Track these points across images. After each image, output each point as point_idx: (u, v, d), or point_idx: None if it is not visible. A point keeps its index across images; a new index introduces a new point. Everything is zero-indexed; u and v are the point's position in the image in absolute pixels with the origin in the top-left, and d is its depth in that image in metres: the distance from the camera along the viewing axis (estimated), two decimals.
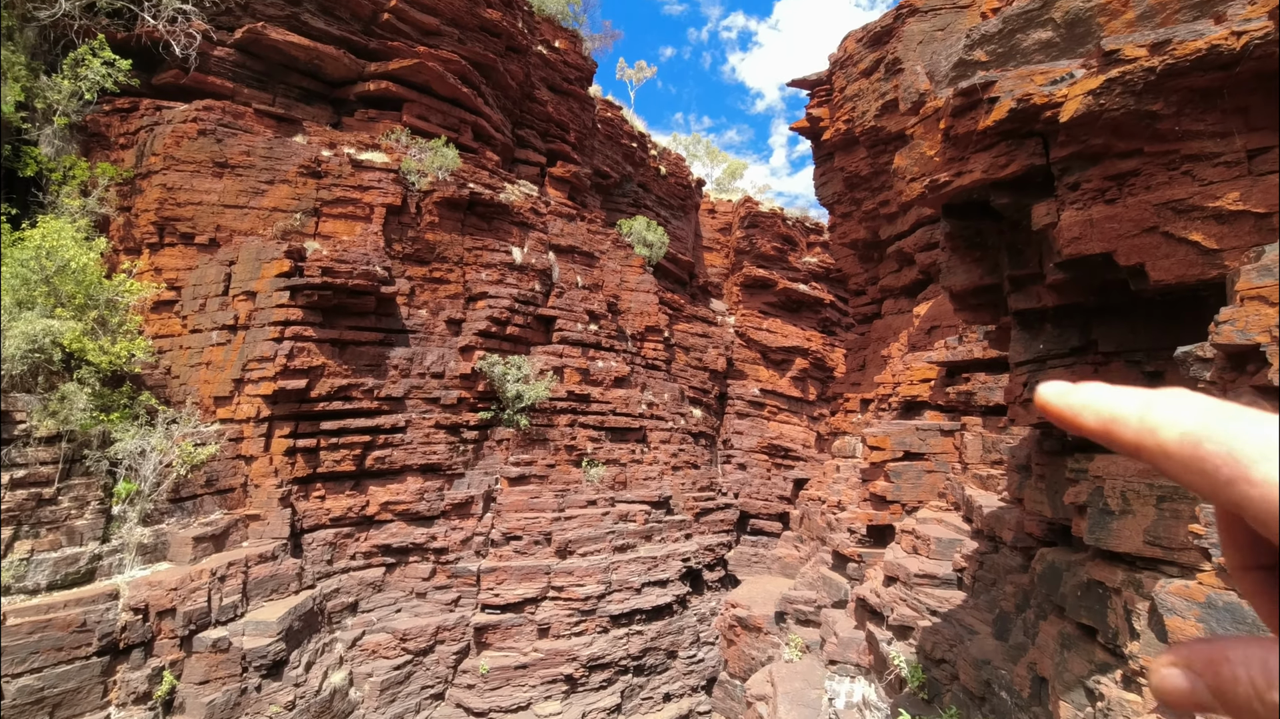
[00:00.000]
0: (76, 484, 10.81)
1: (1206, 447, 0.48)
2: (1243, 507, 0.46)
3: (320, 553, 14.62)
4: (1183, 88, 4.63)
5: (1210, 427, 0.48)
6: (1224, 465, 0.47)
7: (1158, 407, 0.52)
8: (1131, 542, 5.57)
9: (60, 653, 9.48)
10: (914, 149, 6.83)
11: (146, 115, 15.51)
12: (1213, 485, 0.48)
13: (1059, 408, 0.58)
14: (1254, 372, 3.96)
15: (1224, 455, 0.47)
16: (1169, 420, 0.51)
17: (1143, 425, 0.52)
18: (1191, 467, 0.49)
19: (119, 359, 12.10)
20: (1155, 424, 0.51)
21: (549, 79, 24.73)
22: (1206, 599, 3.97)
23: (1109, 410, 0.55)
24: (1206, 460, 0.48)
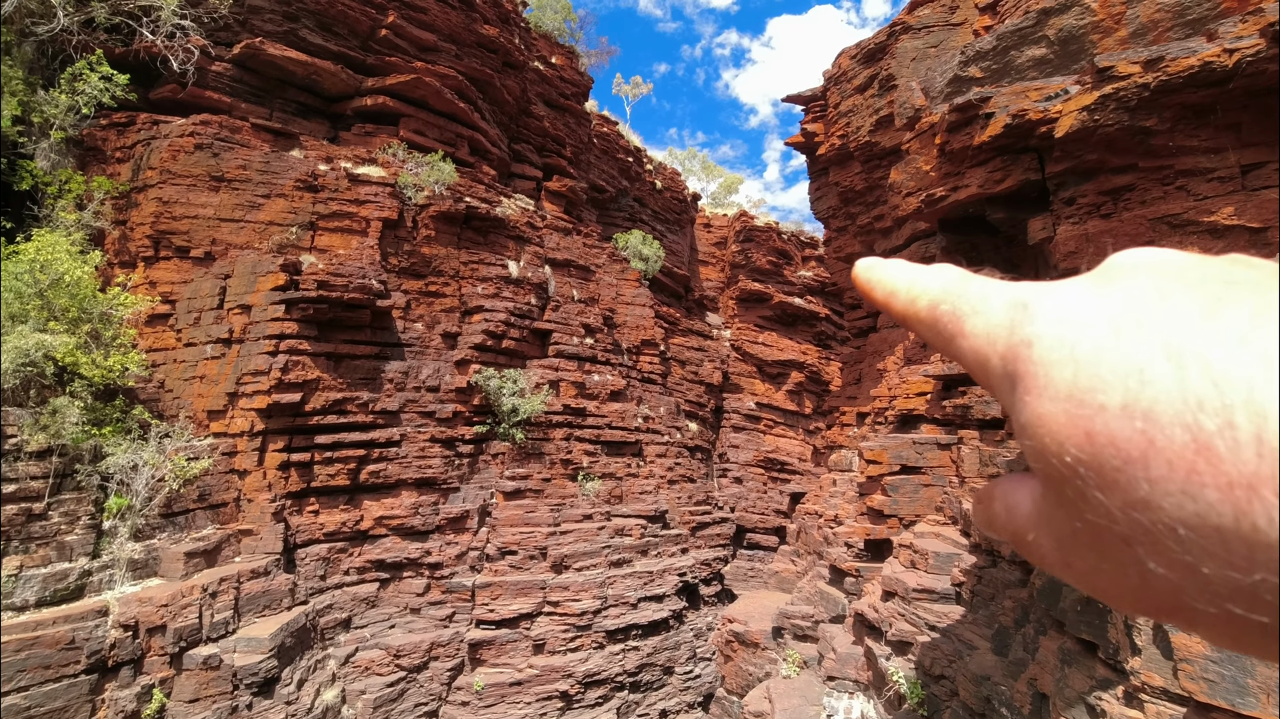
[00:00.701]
0: (67, 499, 10.70)
1: (941, 308, 0.52)
2: (960, 359, 0.50)
3: (313, 568, 14.47)
4: (1176, 104, 4.67)
5: (949, 289, 0.52)
6: (950, 323, 0.51)
7: (923, 278, 0.56)
8: None
9: (48, 671, 9.33)
10: (910, 164, 6.87)
11: (143, 129, 15.52)
12: (944, 343, 0.52)
13: (861, 281, 0.61)
14: None
15: (950, 314, 0.51)
16: (924, 288, 0.54)
17: (908, 295, 0.55)
18: (931, 328, 0.53)
19: (112, 373, 12.03)
20: (916, 293, 0.55)
21: (545, 94, 24.88)
22: None
23: (890, 284, 0.58)
24: (939, 320, 0.52)
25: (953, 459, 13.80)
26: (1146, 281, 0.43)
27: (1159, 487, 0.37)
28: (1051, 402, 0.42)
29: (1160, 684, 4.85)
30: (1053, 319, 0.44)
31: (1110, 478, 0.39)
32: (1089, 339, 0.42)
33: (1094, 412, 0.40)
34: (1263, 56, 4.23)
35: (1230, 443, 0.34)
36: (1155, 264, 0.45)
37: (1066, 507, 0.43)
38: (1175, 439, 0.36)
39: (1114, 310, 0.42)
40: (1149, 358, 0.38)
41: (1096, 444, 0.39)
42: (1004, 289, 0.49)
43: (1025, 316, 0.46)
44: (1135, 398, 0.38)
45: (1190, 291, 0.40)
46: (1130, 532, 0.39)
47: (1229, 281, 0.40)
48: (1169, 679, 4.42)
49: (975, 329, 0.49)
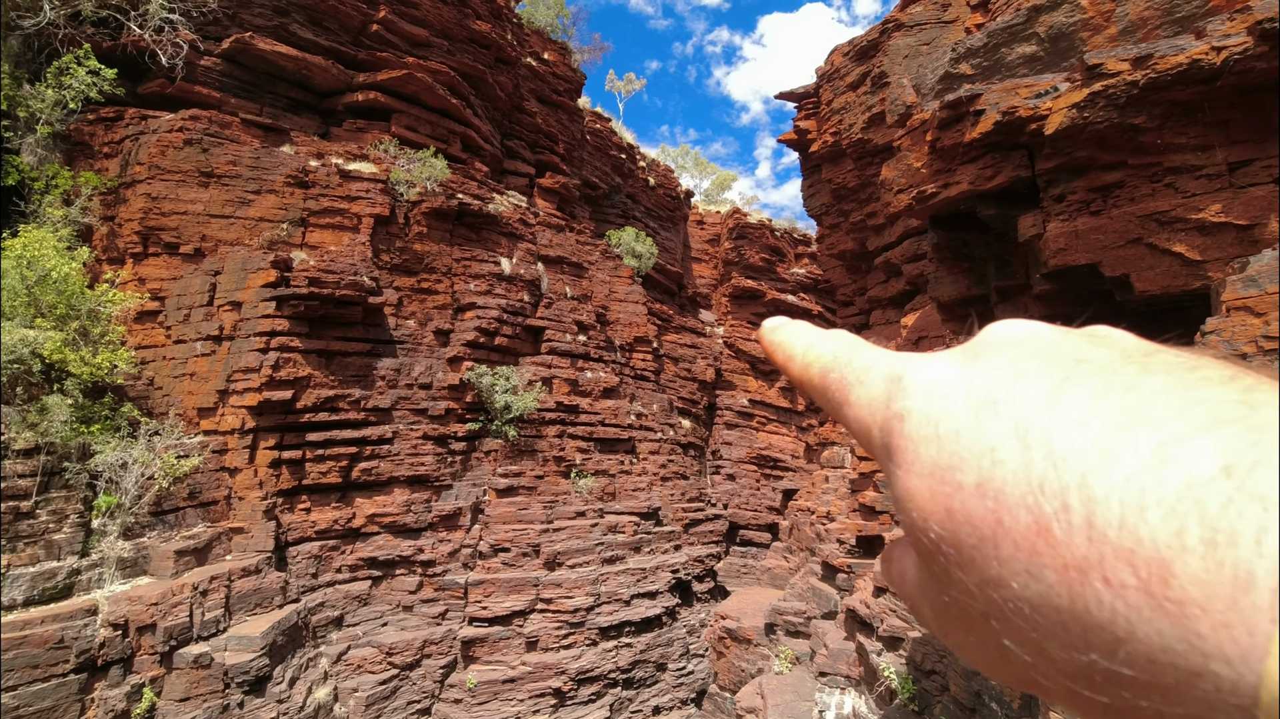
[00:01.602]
0: (55, 497, 10.62)
1: (830, 375, 0.53)
2: (847, 427, 0.51)
3: (305, 566, 14.42)
4: (1165, 101, 4.68)
5: (838, 358, 0.53)
6: (837, 391, 0.52)
7: (817, 344, 0.57)
8: None
9: (36, 670, 9.27)
10: (901, 161, 6.88)
11: (132, 124, 15.38)
12: (834, 410, 0.53)
13: (765, 343, 0.62)
14: None
15: (838, 382, 0.52)
16: (817, 355, 0.55)
17: (803, 360, 0.56)
18: (823, 395, 0.54)
19: (100, 370, 11.93)
20: (810, 359, 0.56)
21: (538, 90, 24.80)
22: None
23: (789, 348, 0.59)
24: (829, 388, 0.53)
25: None
26: (1008, 359, 0.44)
27: (1007, 566, 0.37)
28: (918, 477, 0.42)
29: None
30: (923, 394, 0.45)
31: (967, 555, 0.40)
32: (951, 417, 0.42)
33: (953, 489, 0.40)
34: (1250, 54, 4.25)
35: (1065, 525, 0.35)
36: (1019, 340, 0.46)
37: (937, 579, 0.44)
38: (1020, 520, 0.37)
39: (975, 388, 0.43)
40: (1001, 438, 0.39)
41: (955, 521, 0.40)
42: (886, 360, 0.50)
43: (899, 390, 0.46)
44: (988, 477, 0.39)
45: (1044, 371, 0.41)
46: (987, 608, 0.39)
47: (1079, 360, 0.41)
48: None
49: (859, 399, 0.49)
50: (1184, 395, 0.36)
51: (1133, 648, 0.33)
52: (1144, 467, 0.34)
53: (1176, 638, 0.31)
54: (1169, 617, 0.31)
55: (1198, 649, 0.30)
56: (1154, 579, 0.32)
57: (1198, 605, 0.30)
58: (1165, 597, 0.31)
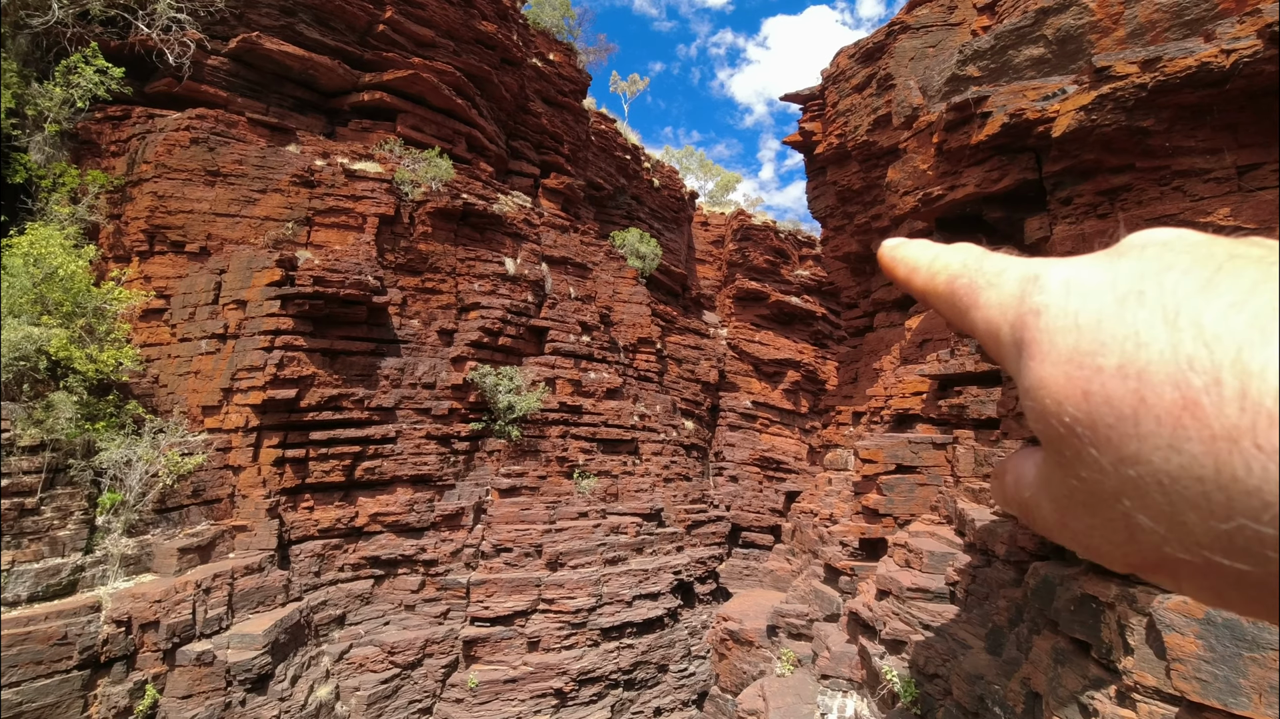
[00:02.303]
0: (60, 494, 10.65)
1: (959, 282, 0.53)
2: (974, 331, 0.52)
3: (308, 564, 14.44)
4: (1173, 104, 4.66)
5: (967, 264, 0.54)
6: (966, 295, 0.52)
7: (944, 254, 0.57)
8: None
9: (40, 666, 9.29)
10: (907, 162, 6.87)
11: (139, 123, 15.44)
12: (959, 316, 0.53)
13: (885, 259, 0.63)
14: None
15: (967, 287, 0.52)
16: (945, 264, 0.56)
17: (929, 271, 0.57)
18: (949, 302, 0.54)
19: (106, 367, 11.97)
20: (937, 269, 0.56)
21: (543, 91, 24.82)
22: (1206, 615, 3.96)
23: (913, 261, 0.60)
24: (956, 294, 0.53)
25: (948, 459, 13.82)
26: (1154, 255, 0.44)
27: (1148, 442, 0.38)
28: (1053, 365, 0.43)
29: (1153, 684, 4.86)
30: (1060, 290, 0.46)
31: (1104, 435, 0.40)
32: (1092, 307, 0.43)
33: (1091, 373, 0.41)
34: (1260, 57, 4.23)
35: (1215, 399, 0.35)
36: (1166, 241, 0.46)
37: (1065, 466, 0.45)
38: (1165, 396, 0.37)
39: (1119, 281, 0.43)
40: (1147, 323, 0.40)
41: (1092, 403, 0.41)
42: (1019, 264, 0.51)
43: (1035, 288, 0.47)
44: (1131, 359, 0.39)
45: (1195, 264, 0.42)
46: (1120, 486, 0.40)
47: (1234, 255, 0.41)
48: (1161, 679, 4.43)
49: (989, 301, 0.50)
50: None
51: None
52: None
53: None
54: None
55: None
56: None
57: None
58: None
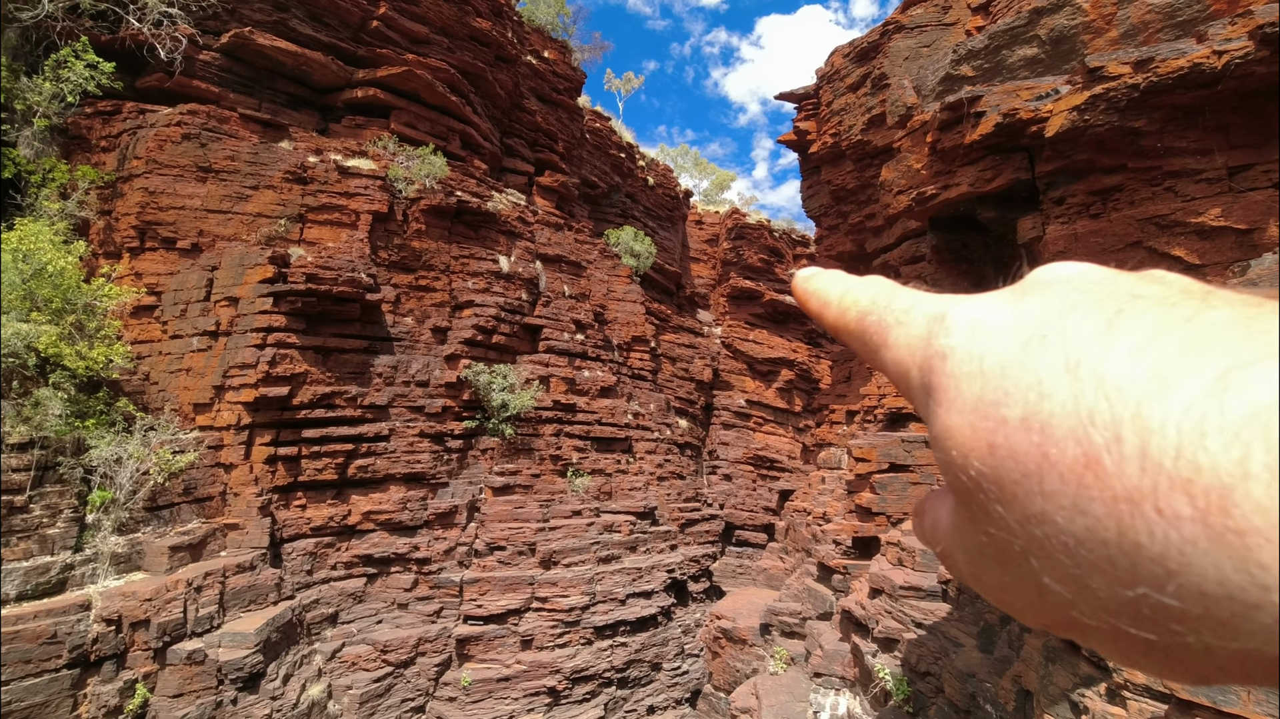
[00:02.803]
0: (49, 492, 10.57)
1: (868, 319, 0.52)
2: (885, 370, 0.50)
3: (300, 563, 14.38)
4: (1165, 105, 4.69)
5: (876, 301, 0.52)
6: (875, 334, 0.51)
7: (854, 289, 0.56)
8: None
9: (29, 665, 9.23)
10: (901, 162, 6.88)
11: (129, 118, 15.33)
12: (870, 354, 0.52)
13: (798, 291, 0.61)
14: None
15: (876, 325, 0.51)
16: (855, 299, 0.54)
17: (839, 306, 0.55)
18: (859, 339, 0.53)
19: (96, 364, 11.88)
20: (847, 304, 0.55)
21: (538, 89, 24.76)
22: None
23: (824, 295, 0.58)
24: (867, 332, 0.52)
25: None
26: (1058, 295, 0.43)
27: (1052, 500, 0.36)
28: (959, 414, 0.42)
29: (1143, 681, 4.89)
30: (966, 331, 0.44)
31: (1009, 491, 0.39)
32: (997, 351, 0.42)
33: (996, 424, 0.39)
34: (1251, 59, 4.25)
35: (1117, 457, 0.34)
36: (1069, 278, 0.45)
37: (974, 520, 0.43)
38: (1067, 452, 0.36)
39: (1023, 323, 0.42)
40: (1050, 370, 0.38)
41: (997, 457, 0.39)
42: (927, 301, 0.49)
43: (941, 328, 0.46)
44: (1034, 410, 0.38)
45: (1097, 306, 0.40)
46: (1028, 545, 0.39)
47: (1135, 295, 0.40)
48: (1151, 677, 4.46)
49: (898, 340, 0.49)
50: (1248, 326, 0.35)
51: (1185, 580, 0.32)
52: (1205, 394, 0.33)
53: (1235, 569, 0.30)
54: (1228, 547, 0.30)
55: (1258, 581, 0.30)
56: (1213, 508, 0.31)
57: (1261, 535, 0.30)
58: (1225, 526, 0.30)
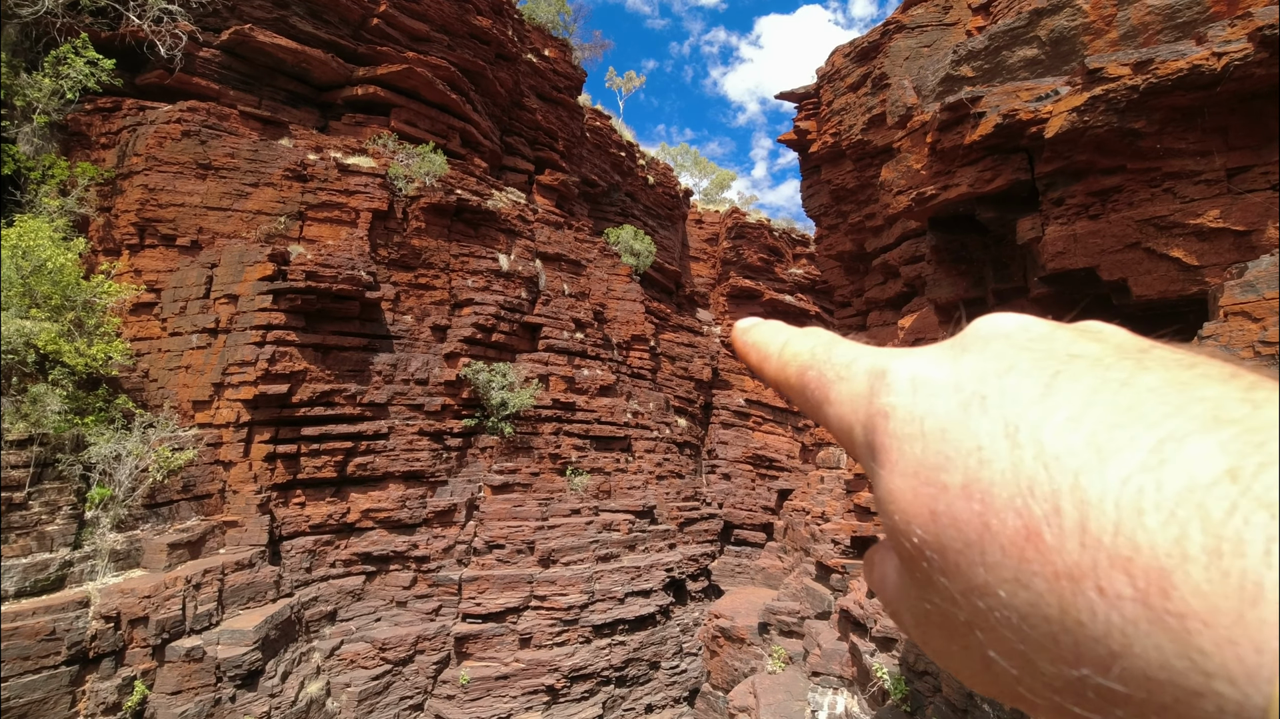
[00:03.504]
0: (48, 488, 10.58)
1: (809, 373, 0.51)
2: (828, 426, 0.49)
3: (299, 560, 14.39)
4: (1164, 106, 4.69)
5: (816, 355, 0.51)
6: (816, 389, 0.49)
7: (794, 342, 0.55)
8: None
9: (27, 662, 9.24)
10: (901, 162, 6.88)
11: (129, 115, 15.32)
12: (813, 410, 0.51)
13: (738, 344, 0.60)
14: None
15: (817, 379, 0.50)
16: (795, 353, 0.53)
17: (779, 360, 0.54)
18: (800, 394, 0.52)
19: (95, 361, 11.88)
20: (787, 358, 0.54)
21: (538, 87, 24.75)
22: None
23: (764, 348, 0.57)
24: (807, 386, 0.51)
25: None
26: (996, 353, 0.42)
27: (994, 572, 0.35)
28: (901, 477, 0.40)
29: None
30: (907, 389, 0.43)
31: (952, 561, 0.37)
32: (938, 412, 0.40)
33: (938, 490, 0.38)
34: (1250, 60, 4.26)
35: (1056, 530, 0.33)
36: (1009, 333, 0.44)
37: (919, 587, 0.42)
38: (1008, 523, 0.35)
39: (963, 382, 0.41)
40: (989, 435, 0.37)
41: (940, 525, 0.38)
42: (868, 355, 0.48)
43: (883, 385, 0.44)
44: (975, 477, 0.36)
45: (1035, 365, 0.39)
46: (971, 617, 0.37)
47: (1073, 355, 0.39)
48: None
49: (840, 396, 0.47)
50: (1182, 392, 0.34)
51: (1128, 663, 0.30)
52: (1141, 467, 0.32)
53: (1176, 654, 0.29)
54: (1168, 631, 0.29)
55: (1199, 667, 0.28)
56: (1153, 590, 0.29)
57: (1200, 619, 0.28)
58: (1165, 609, 0.29)
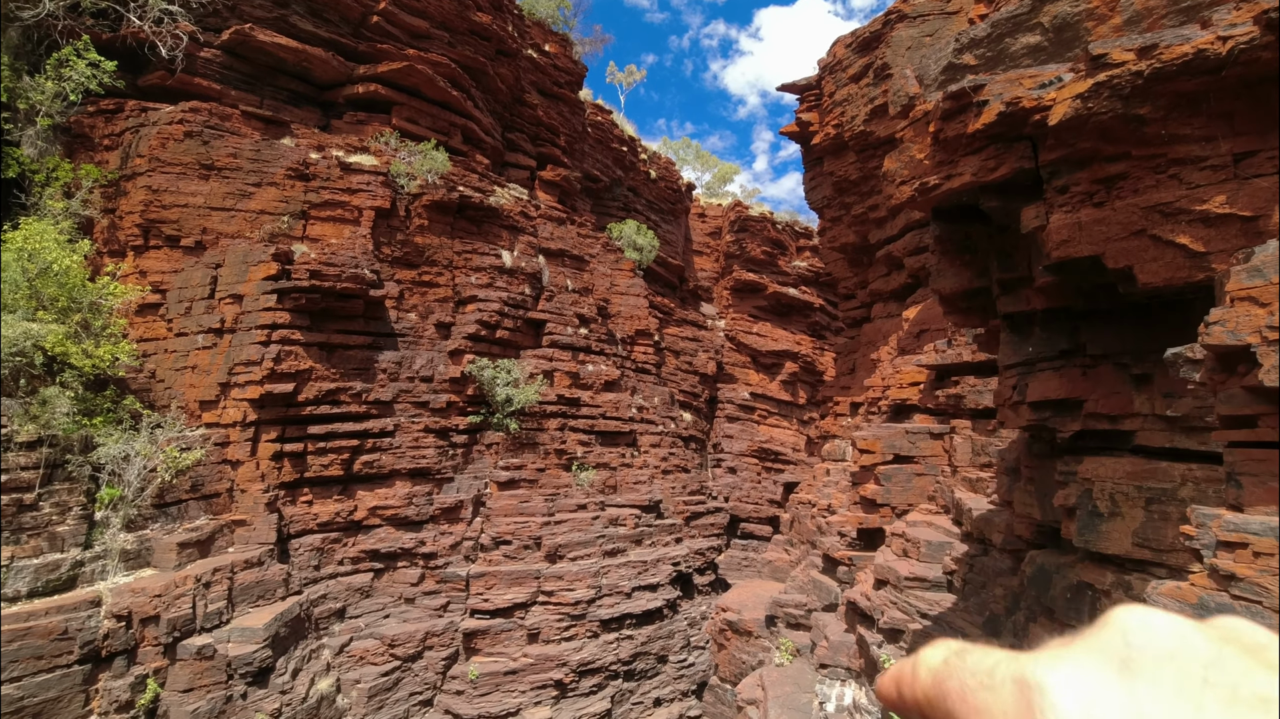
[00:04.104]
0: (58, 489, 10.64)
1: (949, 684, 0.50)
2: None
3: (307, 558, 14.46)
4: (1169, 92, 4.66)
5: (951, 663, 0.51)
6: (959, 699, 0.49)
7: (925, 657, 0.55)
8: (1120, 544, 5.58)
9: (41, 661, 9.31)
10: (903, 152, 6.85)
11: (132, 116, 15.35)
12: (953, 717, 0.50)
13: (881, 696, 0.61)
14: (1244, 373, 3.97)
15: (959, 690, 0.49)
16: (929, 666, 0.53)
17: (913, 676, 0.55)
18: (943, 704, 0.51)
19: (102, 363, 11.94)
20: (921, 673, 0.54)
21: (539, 83, 24.70)
22: (1199, 600, 3.99)
23: (898, 675, 0.57)
24: (949, 696, 0.50)
25: (945, 449, 13.86)
26: (1177, 686, 0.41)
27: None
28: None
29: None
30: (1076, 715, 0.41)
31: None
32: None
33: None
34: (1256, 44, 4.22)
35: None
36: (1176, 657, 0.42)
37: None
38: None
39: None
40: None
41: None
42: (1006, 663, 0.48)
43: (1044, 703, 0.43)
44: None
45: (1225, 711, 0.38)
46: None
47: (1260, 698, 0.39)
48: None
49: (986, 706, 0.46)
50: None
51: None
52: None
53: None
54: None
55: None
56: None
57: None
58: None
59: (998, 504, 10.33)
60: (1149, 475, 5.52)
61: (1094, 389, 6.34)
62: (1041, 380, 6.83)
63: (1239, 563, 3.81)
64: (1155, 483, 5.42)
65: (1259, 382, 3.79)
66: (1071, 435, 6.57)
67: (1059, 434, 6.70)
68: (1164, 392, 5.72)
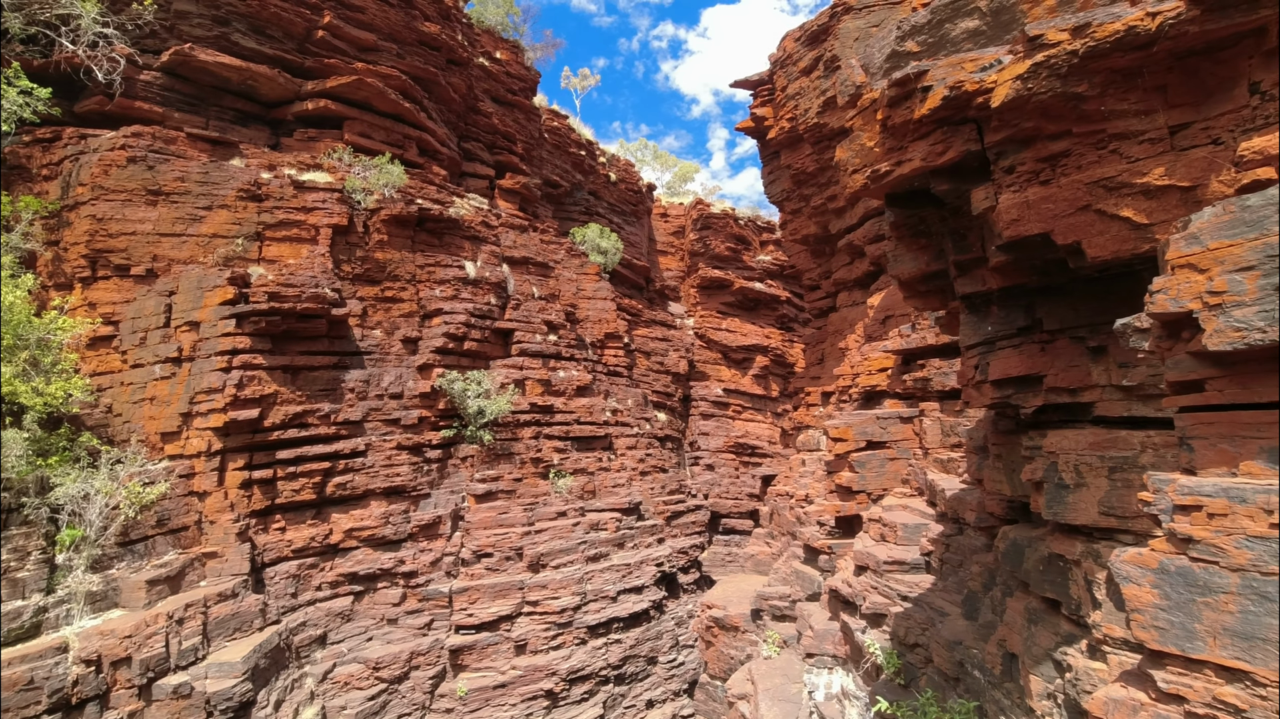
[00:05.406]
0: (15, 534, 10.27)
1: None
2: None
3: (284, 586, 14.15)
4: (1105, 69, 4.76)
5: None
6: None
7: None
8: (1087, 513, 5.70)
9: (7, 714, 8.96)
10: (854, 141, 6.92)
11: (70, 144, 14.89)
12: None
13: None
14: (1189, 338, 4.07)
15: None
16: None
17: None
18: None
19: (55, 400, 11.56)
20: None
21: (493, 90, 24.54)
22: (1159, 565, 4.07)
23: None
24: None
25: (916, 432, 14.06)
26: None
27: None
28: None
29: (1121, 635, 5.00)
30: None
31: None
32: None
33: None
34: (1184, 18, 4.35)
35: None
36: None
37: None
38: None
39: None
40: None
41: None
42: None
43: None
44: None
45: None
46: None
47: None
48: (1127, 630, 4.56)
49: None
50: None
51: None
52: None
53: None
54: None
55: None
56: None
57: None
58: None
59: (969, 483, 10.50)
60: (1110, 445, 5.64)
61: (1053, 364, 6.46)
62: (1002, 358, 6.95)
63: (1195, 525, 3.90)
64: (1116, 452, 5.54)
65: (1203, 346, 3.89)
66: (1034, 410, 6.69)
67: (1022, 410, 6.82)
68: (1119, 362, 5.85)
